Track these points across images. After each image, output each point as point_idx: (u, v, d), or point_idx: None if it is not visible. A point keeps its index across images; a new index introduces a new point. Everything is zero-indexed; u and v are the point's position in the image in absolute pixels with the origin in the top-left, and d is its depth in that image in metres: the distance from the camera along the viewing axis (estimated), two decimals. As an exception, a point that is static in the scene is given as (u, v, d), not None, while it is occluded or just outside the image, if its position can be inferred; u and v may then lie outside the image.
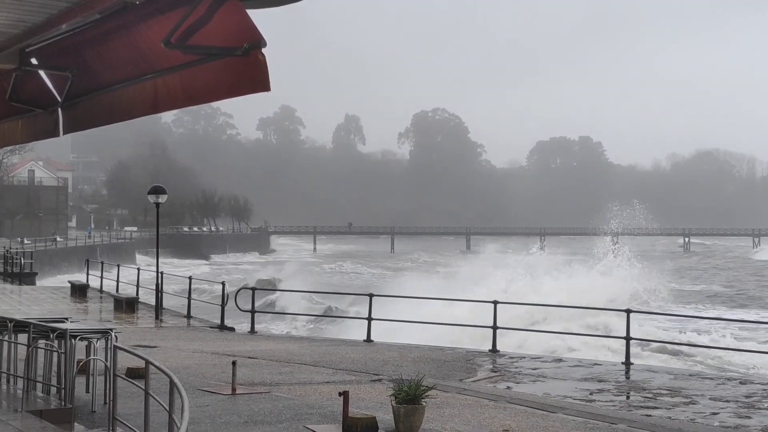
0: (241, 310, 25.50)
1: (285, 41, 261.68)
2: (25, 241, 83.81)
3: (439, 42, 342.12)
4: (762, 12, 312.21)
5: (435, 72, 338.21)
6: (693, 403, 14.46)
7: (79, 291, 33.84)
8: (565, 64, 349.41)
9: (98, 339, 11.75)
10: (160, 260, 29.37)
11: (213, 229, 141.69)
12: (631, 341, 19.43)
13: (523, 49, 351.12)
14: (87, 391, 11.85)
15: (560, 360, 19.82)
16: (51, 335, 11.71)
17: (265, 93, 5.28)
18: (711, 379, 17.40)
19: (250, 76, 5.26)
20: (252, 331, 24.70)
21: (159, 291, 27.80)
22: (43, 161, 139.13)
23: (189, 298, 28.00)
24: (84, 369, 12.23)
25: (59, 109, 7.62)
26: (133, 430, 9.31)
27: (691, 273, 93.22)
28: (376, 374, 16.25)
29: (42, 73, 7.63)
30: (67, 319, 13.10)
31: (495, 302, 21.43)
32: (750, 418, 13.39)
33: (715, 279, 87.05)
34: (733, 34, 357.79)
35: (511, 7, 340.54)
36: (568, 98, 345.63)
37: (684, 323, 36.86)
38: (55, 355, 11.83)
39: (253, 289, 25.87)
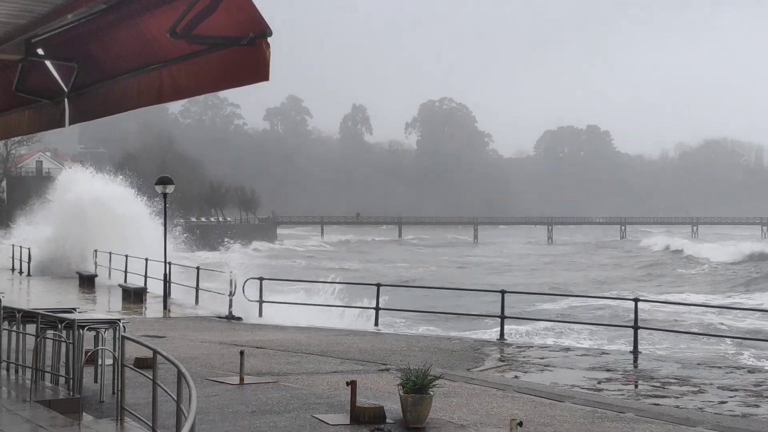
0: (249, 300, 25.55)
1: (291, 31, 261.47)
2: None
3: (446, 31, 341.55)
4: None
5: (442, 61, 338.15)
6: (701, 392, 14.45)
7: (87, 281, 33.93)
8: (573, 53, 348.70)
9: (106, 329, 11.77)
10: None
11: (221, 219, 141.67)
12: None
13: (530, 38, 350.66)
14: (95, 381, 11.88)
15: (568, 349, 19.82)
16: (59, 325, 11.73)
17: (272, 83, 5.28)
18: (719, 367, 17.38)
19: (253, 65, 5.25)
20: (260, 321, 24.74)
21: (167, 281, 27.86)
22: (51, 152, 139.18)
23: (197, 288, 28.05)
24: (92, 359, 12.26)
25: (66, 100, 7.62)
26: (141, 419, 9.34)
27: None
28: (384, 364, 16.26)
29: (48, 63, 7.63)
30: (75, 309, 13.13)
31: (503, 291, 21.44)
32: (758, 407, 13.38)
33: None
34: (741, 23, 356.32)
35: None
36: (576, 87, 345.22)
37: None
38: (63, 345, 11.86)
39: (261, 279, 25.89)
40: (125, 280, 32.78)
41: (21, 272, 41.60)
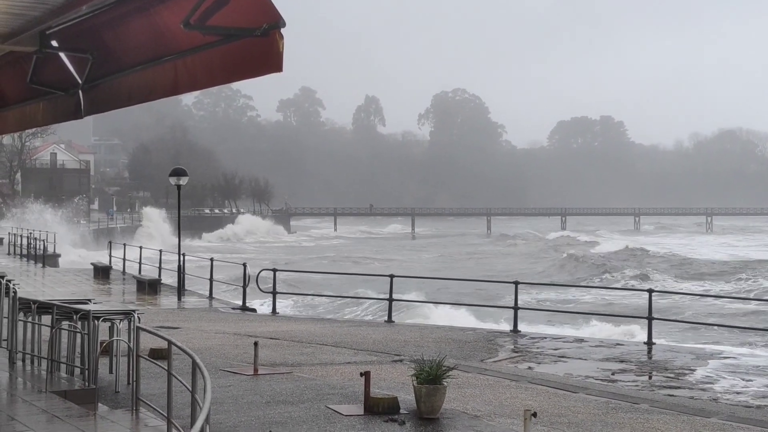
0: (262, 291, 25.60)
1: (304, 22, 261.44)
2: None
3: (460, 22, 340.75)
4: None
5: (455, 52, 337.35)
6: (716, 383, 14.41)
7: (102, 273, 34.06)
8: (587, 43, 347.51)
9: (121, 320, 11.82)
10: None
11: (234, 210, 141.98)
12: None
13: (544, 28, 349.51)
14: (110, 372, 11.94)
15: (582, 340, 19.77)
16: (74, 316, 11.79)
17: (286, 74, 5.29)
18: (734, 358, 17.33)
19: (267, 56, 5.24)
20: (273, 312, 24.78)
21: (181, 272, 27.95)
22: (65, 144, 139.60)
23: (211, 280, 28.13)
24: (107, 350, 12.33)
25: (80, 92, 7.63)
26: (156, 410, 9.37)
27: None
28: (398, 355, 16.27)
29: (62, 55, 7.64)
30: (90, 300, 13.17)
31: (516, 282, 21.40)
32: (773, 397, 13.33)
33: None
34: (756, 12, 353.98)
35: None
36: (590, 78, 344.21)
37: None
38: (78, 336, 11.92)
39: (275, 270, 25.93)
40: (139, 272, 32.90)
41: (35, 262, 41.87)
